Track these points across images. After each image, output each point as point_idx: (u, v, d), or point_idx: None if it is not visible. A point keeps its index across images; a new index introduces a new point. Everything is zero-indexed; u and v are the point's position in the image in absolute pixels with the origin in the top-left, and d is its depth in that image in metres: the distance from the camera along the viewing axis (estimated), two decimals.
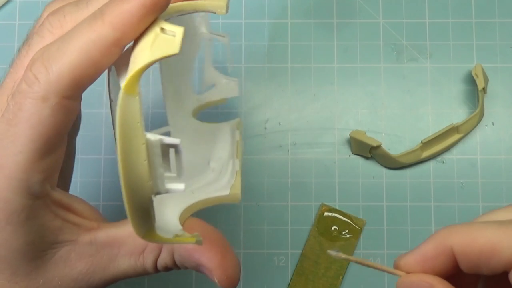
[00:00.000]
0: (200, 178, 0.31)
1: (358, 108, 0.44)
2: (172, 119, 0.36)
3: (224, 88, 0.39)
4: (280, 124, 0.44)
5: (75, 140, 0.33)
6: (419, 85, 0.44)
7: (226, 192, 0.30)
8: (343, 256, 0.25)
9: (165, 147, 0.23)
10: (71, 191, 0.32)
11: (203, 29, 0.36)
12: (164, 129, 0.36)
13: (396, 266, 0.25)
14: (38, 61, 0.24)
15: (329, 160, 0.43)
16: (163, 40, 0.23)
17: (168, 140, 0.23)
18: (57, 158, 0.26)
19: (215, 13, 0.27)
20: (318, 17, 0.45)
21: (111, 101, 0.27)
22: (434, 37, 0.44)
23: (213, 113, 0.43)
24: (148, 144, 0.22)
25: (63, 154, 0.26)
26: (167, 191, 0.24)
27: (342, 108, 0.44)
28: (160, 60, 0.23)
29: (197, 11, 0.27)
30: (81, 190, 0.43)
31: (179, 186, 0.24)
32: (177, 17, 0.32)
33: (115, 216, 0.25)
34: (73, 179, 0.32)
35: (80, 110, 0.32)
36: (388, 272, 0.25)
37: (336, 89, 0.44)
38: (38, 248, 0.26)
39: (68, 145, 0.32)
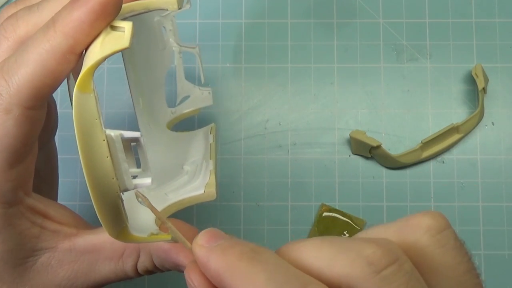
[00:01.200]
0: (174, 181, 0.31)
1: (358, 108, 0.44)
2: (145, 131, 0.36)
3: (199, 98, 0.39)
4: (280, 124, 0.44)
5: (54, 141, 0.33)
6: (419, 85, 0.44)
7: (200, 191, 0.29)
8: (146, 203, 0.24)
9: (127, 142, 0.23)
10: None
11: (173, 42, 0.36)
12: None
13: None
14: None
15: (329, 160, 0.43)
16: (113, 36, 0.23)
17: (128, 134, 0.23)
18: (28, 165, 0.26)
19: (167, 9, 0.27)
20: (318, 17, 0.45)
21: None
22: (434, 37, 0.44)
23: (213, 113, 0.43)
24: (109, 139, 0.22)
25: (34, 161, 0.26)
26: (135, 187, 0.24)
27: (342, 108, 0.44)
28: (111, 55, 0.23)
29: (149, 10, 0.27)
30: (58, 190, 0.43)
31: (146, 180, 0.24)
32: (144, 29, 0.32)
33: (92, 216, 0.25)
34: None
35: (57, 111, 0.32)
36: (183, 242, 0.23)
37: (336, 89, 0.44)
38: (19, 255, 0.26)
39: (46, 148, 0.32)
